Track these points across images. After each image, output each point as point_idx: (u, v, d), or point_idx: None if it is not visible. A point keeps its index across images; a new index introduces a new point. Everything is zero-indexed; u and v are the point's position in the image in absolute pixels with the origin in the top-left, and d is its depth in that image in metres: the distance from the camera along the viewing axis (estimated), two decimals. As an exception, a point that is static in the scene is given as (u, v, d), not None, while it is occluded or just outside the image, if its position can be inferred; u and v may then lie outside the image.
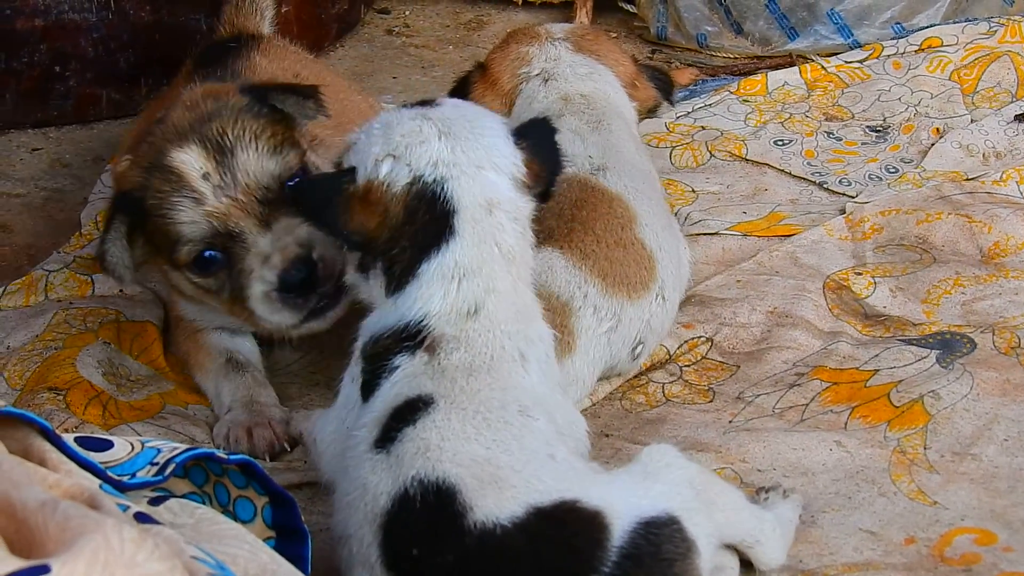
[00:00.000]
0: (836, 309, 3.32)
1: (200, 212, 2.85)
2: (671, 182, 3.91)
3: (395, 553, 2.20)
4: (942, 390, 2.97)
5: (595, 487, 2.22)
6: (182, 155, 2.87)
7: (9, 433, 1.92)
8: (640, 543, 2.16)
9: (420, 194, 2.45)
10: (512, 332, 2.46)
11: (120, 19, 4.51)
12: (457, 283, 2.43)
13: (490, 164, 2.51)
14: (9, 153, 4.45)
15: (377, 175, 2.48)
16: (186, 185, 2.86)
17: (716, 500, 2.33)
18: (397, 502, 2.21)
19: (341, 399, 2.55)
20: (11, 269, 3.80)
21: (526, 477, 2.20)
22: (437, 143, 2.48)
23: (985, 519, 2.62)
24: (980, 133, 4.08)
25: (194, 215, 2.86)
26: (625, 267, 3.00)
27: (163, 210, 2.88)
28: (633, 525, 2.17)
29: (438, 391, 2.33)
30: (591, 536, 2.16)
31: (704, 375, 3.15)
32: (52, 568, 1.51)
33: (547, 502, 2.17)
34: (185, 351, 3.25)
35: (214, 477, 2.27)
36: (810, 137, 4.20)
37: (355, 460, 2.32)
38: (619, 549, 2.15)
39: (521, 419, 2.31)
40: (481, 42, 5.14)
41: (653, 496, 2.23)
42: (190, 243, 2.88)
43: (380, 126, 2.56)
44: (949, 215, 3.60)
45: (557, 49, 3.42)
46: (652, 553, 2.16)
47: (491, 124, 2.58)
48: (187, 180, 2.86)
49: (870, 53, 4.58)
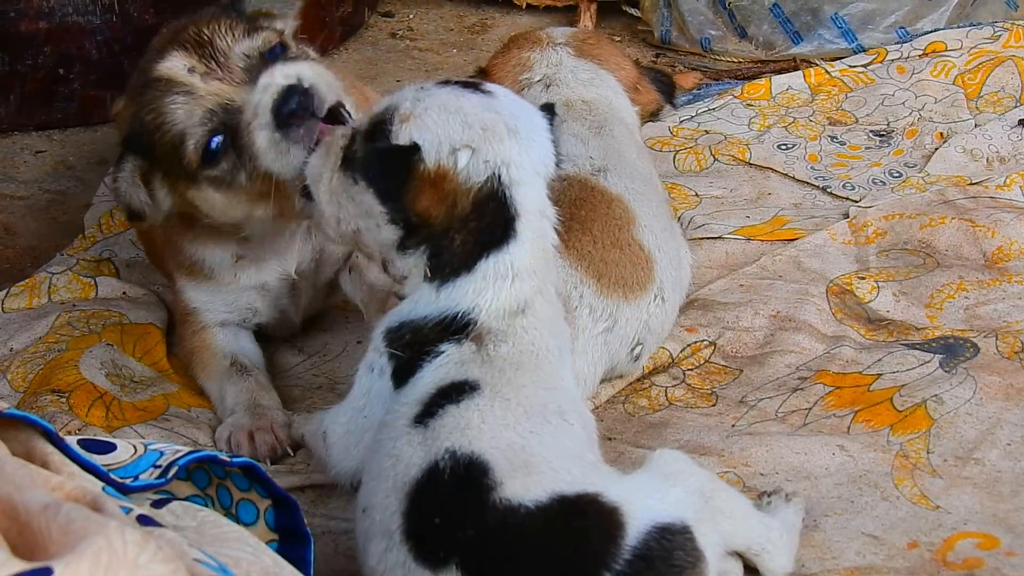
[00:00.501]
0: (839, 313, 3.32)
1: (193, 101, 2.84)
2: (674, 186, 3.91)
3: (417, 523, 2.20)
4: (945, 394, 2.97)
5: (617, 485, 2.23)
6: (165, 63, 2.88)
7: (12, 435, 1.92)
8: (653, 546, 2.16)
9: (491, 194, 2.43)
10: (555, 331, 2.48)
11: (124, 22, 4.52)
12: (511, 282, 2.43)
13: (544, 170, 2.51)
14: (13, 155, 4.46)
15: (453, 164, 2.42)
16: (175, 84, 2.85)
17: (724, 508, 2.33)
18: (427, 473, 2.21)
19: (358, 390, 2.52)
20: (14, 271, 3.80)
21: (555, 467, 2.21)
22: (509, 142, 2.45)
23: (988, 523, 2.62)
24: (984, 138, 4.08)
25: (189, 107, 2.84)
26: (621, 268, 3.00)
27: (161, 119, 2.87)
28: (648, 528, 2.17)
29: (485, 379, 2.34)
30: (607, 531, 2.15)
31: (707, 379, 3.15)
32: (54, 571, 1.51)
33: (571, 492, 2.17)
34: (190, 351, 3.25)
35: (217, 480, 2.27)
36: (814, 141, 4.20)
37: (392, 434, 2.32)
38: (632, 549, 2.15)
39: (558, 419, 2.32)
40: (485, 45, 5.14)
41: (670, 502, 2.23)
42: (193, 136, 2.85)
43: (450, 109, 2.48)
44: (953, 219, 3.60)
45: (559, 54, 3.42)
46: (663, 558, 2.16)
47: (544, 125, 2.56)
48: (175, 80, 2.86)
49: (874, 57, 4.59)
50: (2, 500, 1.68)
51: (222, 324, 3.22)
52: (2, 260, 3.89)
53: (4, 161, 4.41)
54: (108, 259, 3.72)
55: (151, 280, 3.61)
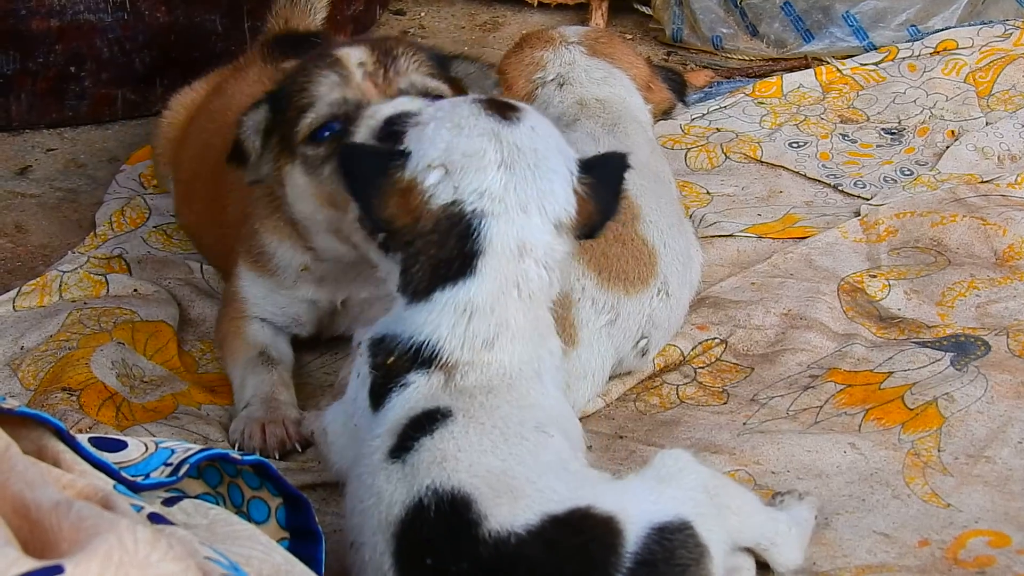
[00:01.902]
0: (850, 311, 3.32)
1: (340, 87, 2.88)
2: (686, 184, 3.91)
3: (409, 563, 2.19)
4: (956, 392, 2.97)
5: (608, 493, 2.21)
6: (347, 49, 2.94)
7: (23, 433, 1.92)
8: (654, 548, 2.15)
9: (454, 220, 2.38)
10: (529, 356, 2.42)
11: (136, 20, 4.52)
12: (468, 318, 2.37)
13: (537, 208, 2.42)
14: (24, 153, 4.46)
15: (423, 180, 2.40)
16: (339, 67, 2.90)
17: (729, 504, 2.32)
18: (411, 511, 2.20)
19: (349, 393, 2.52)
20: (25, 269, 3.81)
21: (540, 488, 2.19)
22: (494, 173, 2.40)
23: (999, 521, 2.62)
24: (995, 136, 4.07)
25: (333, 89, 2.88)
26: (622, 262, 3.00)
27: (306, 86, 2.91)
28: (647, 530, 2.16)
29: (456, 405, 2.32)
30: (605, 542, 2.15)
31: (718, 377, 3.15)
32: (66, 568, 1.51)
33: (561, 510, 2.16)
34: (224, 334, 3.27)
35: (228, 478, 2.27)
36: (825, 139, 4.20)
37: (370, 469, 2.30)
38: (633, 555, 2.14)
39: (537, 435, 2.30)
40: (496, 43, 5.14)
41: (666, 501, 2.22)
42: (315, 112, 2.88)
43: (450, 125, 2.46)
44: (964, 217, 3.60)
45: (571, 53, 3.42)
46: (666, 559, 2.16)
47: (556, 165, 2.47)
48: (343, 63, 2.90)
49: (885, 55, 4.58)
50: (13, 498, 1.69)
51: (263, 320, 3.24)
52: (13, 258, 3.89)
53: (16, 159, 4.41)
54: (119, 256, 3.72)
55: (162, 277, 3.61)
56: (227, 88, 3.65)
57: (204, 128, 3.60)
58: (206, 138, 3.53)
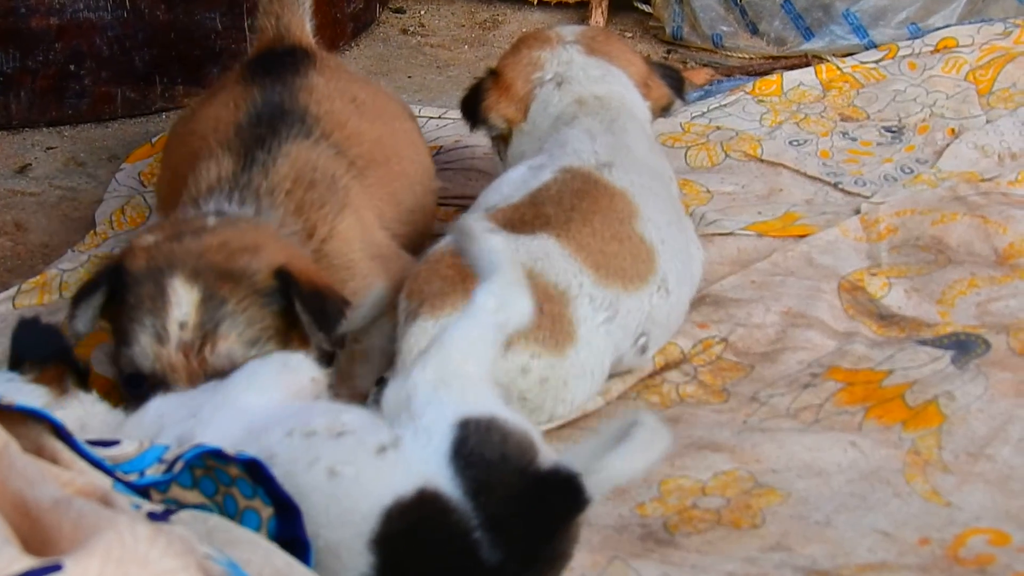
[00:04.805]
0: (851, 309, 3.32)
1: (154, 351, 2.76)
2: (686, 182, 3.91)
3: None
4: (957, 391, 2.97)
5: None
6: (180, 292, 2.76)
7: (22, 431, 1.92)
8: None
9: None
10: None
11: (135, 18, 4.51)
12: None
13: None
14: (24, 151, 4.46)
15: None
16: (160, 318, 2.76)
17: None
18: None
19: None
20: (25, 268, 3.80)
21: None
22: None
23: (1000, 520, 2.62)
24: (995, 134, 4.07)
25: (148, 349, 2.76)
26: (620, 260, 3.00)
27: (133, 317, 2.79)
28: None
29: None
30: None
31: (718, 375, 3.14)
32: (65, 566, 1.51)
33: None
34: None
35: (223, 488, 2.26)
36: (825, 137, 4.20)
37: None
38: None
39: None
40: (496, 42, 5.13)
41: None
42: (130, 362, 2.79)
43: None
44: (964, 216, 3.60)
45: (569, 52, 3.44)
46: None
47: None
48: (164, 314, 2.76)
49: (885, 53, 4.58)
50: (13, 496, 1.69)
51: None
52: (13, 257, 3.89)
53: (15, 157, 4.41)
54: (119, 255, 3.71)
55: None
56: (198, 111, 3.55)
57: (174, 152, 3.52)
58: (174, 164, 3.46)
